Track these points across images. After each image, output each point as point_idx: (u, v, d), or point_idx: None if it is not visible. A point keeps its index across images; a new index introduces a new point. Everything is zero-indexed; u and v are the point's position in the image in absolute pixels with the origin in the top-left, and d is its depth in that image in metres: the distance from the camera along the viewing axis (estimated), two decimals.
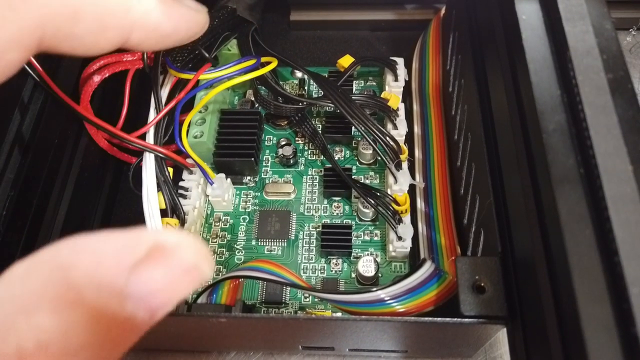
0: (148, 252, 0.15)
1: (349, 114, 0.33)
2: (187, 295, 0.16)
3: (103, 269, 0.14)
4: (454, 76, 0.35)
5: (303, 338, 0.30)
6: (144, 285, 0.15)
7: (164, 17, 0.24)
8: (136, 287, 0.14)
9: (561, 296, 0.19)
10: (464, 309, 0.24)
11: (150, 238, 0.15)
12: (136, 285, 0.14)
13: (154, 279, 0.15)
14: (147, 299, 0.15)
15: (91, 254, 0.15)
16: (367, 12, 0.44)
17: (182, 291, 0.15)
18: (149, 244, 0.15)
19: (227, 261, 0.34)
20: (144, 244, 0.15)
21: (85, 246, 0.15)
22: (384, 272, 0.33)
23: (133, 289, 0.14)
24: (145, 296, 0.15)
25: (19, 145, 0.31)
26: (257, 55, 0.35)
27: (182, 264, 0.15)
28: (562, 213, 0.19)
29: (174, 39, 0.26)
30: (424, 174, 0.34)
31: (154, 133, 0.32)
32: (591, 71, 0.21)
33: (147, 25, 0.23)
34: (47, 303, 0.14)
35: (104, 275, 0.14)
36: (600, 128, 0.20)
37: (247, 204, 0.37)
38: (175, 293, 0.15)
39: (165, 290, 0.15)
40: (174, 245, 0.15)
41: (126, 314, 0.14)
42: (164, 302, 0.15)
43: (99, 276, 0.14)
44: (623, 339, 0.16)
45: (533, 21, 0.25)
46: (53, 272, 0.14)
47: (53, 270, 0.14)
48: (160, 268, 0.15)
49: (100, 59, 0.32)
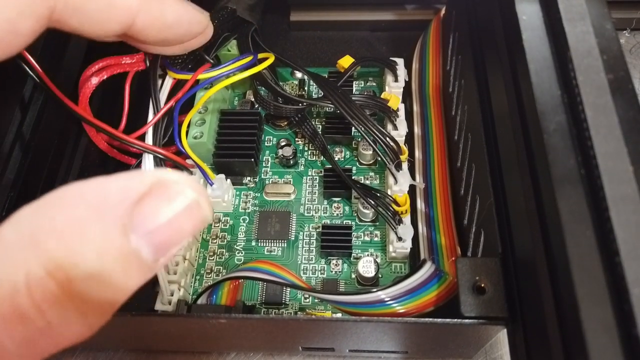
0: (150, 187, 0.15)
1: (349, 115, 0.33)
2: (189, 237, 0.16)
3: (108, 204, 0.15)
4: (454, 76, 0.35)
5: (303, 339, 0.30)
6: (147, 219, 0.15)
7: (167, 6, 0.25)
8: (139, 219, 0.15)
9: (562, 297, 0.19)
10: (464, 309, 0.24)
11: (152, 175, 0.16)
12: (140, 219, 0.15)
13: (157, 211, 0.15)
14: (151, 235, 0.15)
15: (96, 190, 0.15)
16: (367, 12, 0.44)
17: (184, 229, 0.16)
18: (152, 180, 0.15)
19: (227, 262, 0.34)
20: (147, 180, 0.15)
21: (90, 185, 0.15)
22: (384, 272, 0.33)
23: (137, 222, 0.15)
24: (149, 231, 0.15)
25: (19, 146, 0.31)
26: (254, 52, 0.35)
27: (184, 198, 0.16)
28: (563, 213, 0.19)
29: (175, 31, 0.27)
30: (424, 175, 0.34)
31: (153, 134, 0.32)
32: (592, 71, 0.21)
33: (151, 10, 0.24)
34: (56, 233, 0.14)
35: (109, 209, 0.15)
36: (600, 128, 0.20)
37: (247, 204, 0.37)
38: (177, 231, 0.16)
39: (169, 226, 0.15)
40: (174, 181, 0.16)
41: (131, 247, 0.15)
42: (167, 240, 0.15)
43: (105, 210, 0.15)
44: (624, 340, 0.16)
45: (533, 21, 0.25)
46: (61, 207, 0.15)
47: (61, 207, 0.15)
48: (163, 201, 0.15)
49: (99, 60, 0.32)
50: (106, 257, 0.14)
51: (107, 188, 0.15)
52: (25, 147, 0.31)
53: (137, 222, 0.15)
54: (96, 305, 0.15)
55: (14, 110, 0.31)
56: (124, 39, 0.27)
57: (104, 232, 0.14)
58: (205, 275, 0.34)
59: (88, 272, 0.14)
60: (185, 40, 0.29)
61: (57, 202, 0.15)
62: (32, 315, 0.14)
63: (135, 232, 0.15)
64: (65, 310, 0.14)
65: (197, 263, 0.34)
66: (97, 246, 0.14)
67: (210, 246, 0.35)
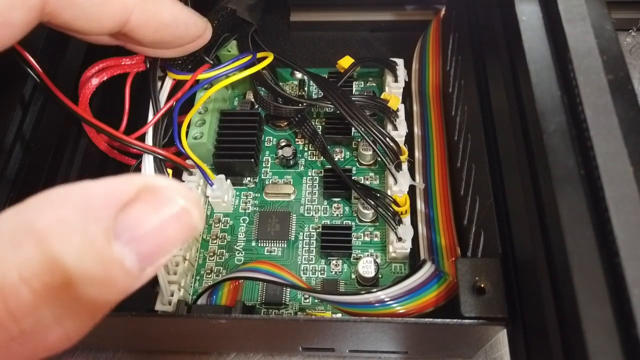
0: (137, 193, 0.14)
1: (348, 115, 0.33)
2: (178, 247, 0.15)
3: (93, 208, 0.14)
4: (454, 77, 0.35)
5: (303, 339, 0.30)
6: (132, 225, 0.14)
7: (163, 6, 0.25)
8: (124, 226, 0.14)
9: (562, 297, 0.19)
10: (464, 310, 0.24)
11: (139, 181, 0.15)
12: (124, 225, 0.14)
13: (143, 218, 0.14)
14: (136, 243, 0.14)
15: (82, 193, 0.14)
16: (367, 13, 0.44)
17: (172, 238, 0.15)
18: (138, 186, 0.15)
19: (227, 262, 0.34)
20: (133, 186, 0.15)
21: (75, 188, 0.14)
22: (384, 273, 0.33)
23: (121, 228, 0.14)
24: (133, 239, 0.14)
25: (19, 146, 0.31)
26: (253, 51, 0.35)
27: (172, 206, 0.15)
28: (563, 214, 0.19)
29: (172, 31, 0.27)
30: (424, 175, 0.34)
31: (153, 134, 0.32)
32: (591, 72, 0.21)
33: (147, 8, 0.24)
34: (36, 235, 0.13)
35: (93, 213, 0.14)
36: (600, 129, 0.20)
37: (247, 205, 0.37)
38: (164, 240, 0.15)
39: (155, 234, 0.14)
40: (163, 187, 0.15)
41: (113, 254, 0.14)
42: (153, 249, 0.15)
43: (88, 215, 0.14)
44: (624, 341, 0.16)
45: (533, 22, 0.25)
46: (44, 209, 0.14)
47: (44, 209, 0.14)
48: (149, 208, 0.14)
49: (99, 62, 0.32)
50: (87, 263, 0.13)
51: (93, 191, 0.14)
52: (25, 147, 0.31)
53: (121, 228, 0.14)
54: (75, 315, 0.14)
55: (14, 111, 0.31)
56: (121, 40, 0.27)
57: (86, 236, 0.14)
58: (205, 275, 0.34)
59: (66, 278, 0.13)
60: (182, 43, 0.28)
61: (41, 204, 0.14)
62: (5, 323, 0.13)
63: (119, 239, 0.14)
64: (41, 318, 0.13)
65: (197, 263, 0.34)
66: (78, 251, 0.13)
67: (210, 246, 0.35)
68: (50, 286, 0.13)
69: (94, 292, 0.14)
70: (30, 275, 0.13)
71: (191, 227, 0.15)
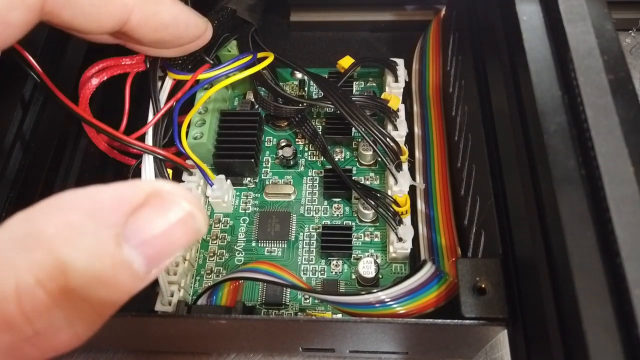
0: (146, 197, 0.15)
1: (349, 115, 0.33)
2: (182, 249, 0.16)
3: (103, 212, 0.15)
4: (454, 77, 0.35)
5: (303, 340, 0.30)
6: (141, 229, 0.15)
7: (163, 6, 0.25)
8: (133, 230, 0.15)
9: (562, 298, 0.19)
10: (464, 310, 0.23)
11: (147, 186, 0.16)
12: (134, 229, 0.15)
13: (152, 222, 0.15)
14: (144, 247, 0.15)
15: (91, 198, 0.15)
16: (367, 13, 0.44)
17: (177, 241, 0.16)
18: (147, 192, 0.15)
19: (227, 262, 0.34)
20: (142, 191, 0.15)
21: (85, 192, 0.15)
22: (384, 273, 0.33)
23: (131, 232, 0.15)
24: (142, 242, 0.15)
25: (19, 146, 0.31)
26: (253, 52, 0.35)
27: (178, 210, 0.16)
28: (564, 214, 0.19)
29: (172, 31, 0.27)
30: (424, 175, 0.34)
31: (153, 135, 0.32)
32: (592, 72, 0.21)
33: (147, 8, 0.24)
34: (48, 239, 0.14)
35: (103, 217, 0.15)
36: (601, 129, 0.20)
37: (247, 205, 0.37)
38: (171, 243, 0.15)
39: (162, 237, 0.15)
40: (169, 192, 0.16)
41: (123, 257, 0.15)
42: (160, 251, 0.15)
43: (99, 218, 0.15)
44: (625, 341, 0.16)
45: (534, 22, 0.25)
46: (54, 214, 0.15)
47: (54, 213, 0.15)
48: (157, 212, 0.15)
49: (99, 61, 0.32)
50: (98, 265, 0.14)
51: (102, 196, 0.15)
52: (25, 147, 0.31)
53: (131, 232, 0.15)
54: (85, 315, 0.15)
55: (14, 111, 0.31)
56: (121, 39, 0.27)
57: (96, 240, 0.14)
58: (205, 276, 0.34)
59: (78, 281, 0.14)
60: (183, 43, 0.28)
61: (51, 209, 0.15)
62: (20, 324, 0.14)
63: (129, 242, 0.15)
64: (54, 319, 0.14)
65: (197, 264, 0.34)
66: (89, 254, 0.14)
67: (210, 247, 0.35)
68: (63, 288, 0.14)
69: (104, 294, 0.15)
70: (45, 278, 0.14)
71: (196, 230, 0.16)
